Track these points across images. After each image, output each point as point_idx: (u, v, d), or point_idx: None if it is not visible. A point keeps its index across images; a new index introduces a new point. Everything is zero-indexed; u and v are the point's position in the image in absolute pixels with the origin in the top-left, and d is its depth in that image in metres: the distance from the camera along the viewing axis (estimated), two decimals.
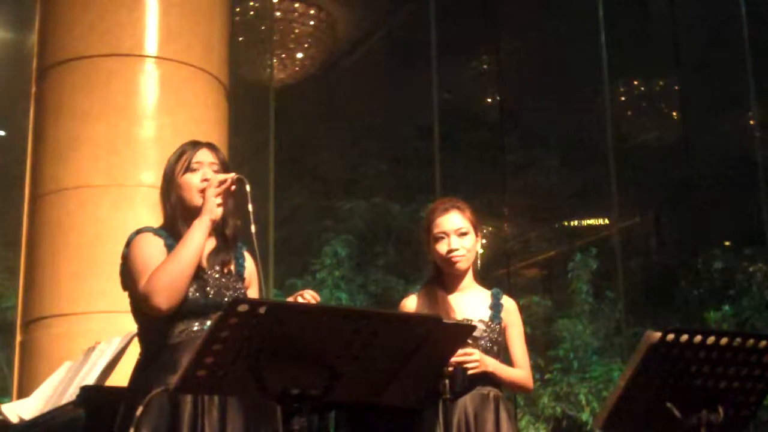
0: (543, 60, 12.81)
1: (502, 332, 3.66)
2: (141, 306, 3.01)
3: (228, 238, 3.18)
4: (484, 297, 3.72)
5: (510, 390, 3.71)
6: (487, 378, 3.54)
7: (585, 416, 10.65)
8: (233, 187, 3.10)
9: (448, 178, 10.90)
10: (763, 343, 2.58)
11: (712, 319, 11.13)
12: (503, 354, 3.66)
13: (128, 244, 3.13)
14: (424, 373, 2.51)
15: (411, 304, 3.68)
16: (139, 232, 3.15)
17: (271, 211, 9.25)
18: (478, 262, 3.72)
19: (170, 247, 3.08)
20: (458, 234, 3.65)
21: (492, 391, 3.57)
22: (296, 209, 12.04)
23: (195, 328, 3.01)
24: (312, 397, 2.32)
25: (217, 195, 3.08)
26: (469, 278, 3.71)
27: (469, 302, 3.68)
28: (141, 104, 5.66)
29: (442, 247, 3.65)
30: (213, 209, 3.08)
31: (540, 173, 13.23)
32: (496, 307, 3.70)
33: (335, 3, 12.39)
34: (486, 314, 3.67)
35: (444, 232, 3.65)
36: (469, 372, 3.45)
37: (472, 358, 3.48)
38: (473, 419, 3.50)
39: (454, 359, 3.42)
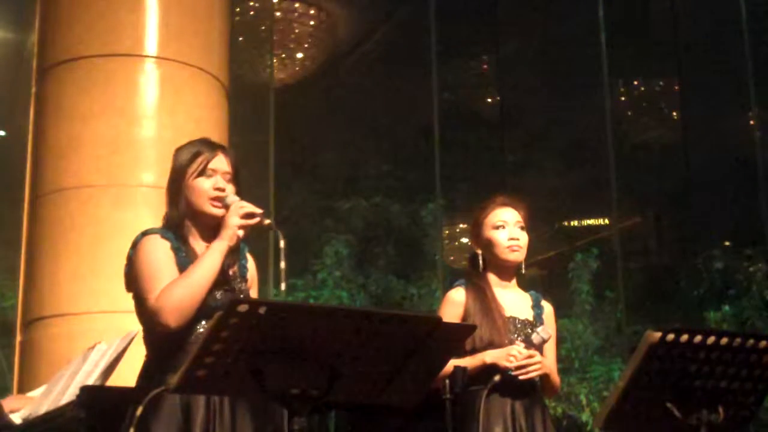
0: (543, 60, 12.81)
1: None
2: (150, 319, 2.99)
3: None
4: (524, 298, 3.75)
5: (544, 392, 3.73)
6: (535, 380, 3.58)
7: (585, 416, 10.62)
8: (259, 225, 3.07)
9: (448, 178, 10.90)
10: (763, 343, 2.58)
11: (712, 319, 11.09)
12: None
13: (134, 245, 3.09)
14: (424, 373, 2.50)
15: (459, 297, 3.67)
16: (145, 234, 3.09)
17: (271, 211, 9.24)
18: (523, 264, 3.74)
19: (177, 251, 3.05)
20: (518, 227, 3.68)
21: (538, 393, 3.62)
22: (296, 209, 12.02)
23: (200, 330, 2.99)
24: (312, 397, 2.31)
25: (240, 227, 3.06)
26: (513, 277, 3.75)
27: (513, 301, 3.71)
28: (141, 104, 5.65)
29: (502, 235, 3.67)
30: (233, 237, 3.05)
31: (540, 173, 13.22)
32: (537, 309, 3.72)
33: (335, 3, 12.39)
34: (530, 314, 3.70)
35: (504, 221, 3.68)
36: (532, 375, 3.51)
37: (536, 360, 3.52)
38: (524, 419, 3.53)
39: (519, 362, 3.45)
